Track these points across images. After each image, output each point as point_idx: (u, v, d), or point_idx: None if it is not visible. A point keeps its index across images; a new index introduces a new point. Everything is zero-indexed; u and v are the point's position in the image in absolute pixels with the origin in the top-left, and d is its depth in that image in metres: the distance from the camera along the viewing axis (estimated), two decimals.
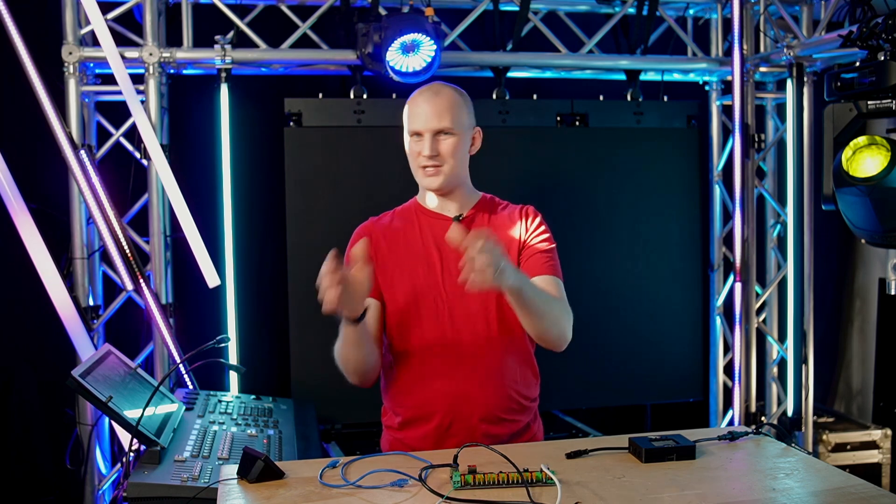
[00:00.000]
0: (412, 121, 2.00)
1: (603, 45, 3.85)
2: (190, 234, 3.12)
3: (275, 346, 3.67)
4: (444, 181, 1.99)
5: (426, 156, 1.96)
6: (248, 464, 1.58)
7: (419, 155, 1.98)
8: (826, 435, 3.87)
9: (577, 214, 3.67)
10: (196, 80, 3.52)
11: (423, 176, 2.00)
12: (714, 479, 1.58)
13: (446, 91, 2.01)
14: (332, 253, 1.72)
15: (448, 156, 1.97)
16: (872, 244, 2.36)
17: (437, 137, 1.97)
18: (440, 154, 1.97)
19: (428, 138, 1.96)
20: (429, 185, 2.01)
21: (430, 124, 1.96)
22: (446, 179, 1.99)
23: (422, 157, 1.97)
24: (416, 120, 1.98)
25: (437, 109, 1.96)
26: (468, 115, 2.03)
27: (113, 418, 1.99)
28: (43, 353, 3.50)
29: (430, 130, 1.96)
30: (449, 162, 1.98)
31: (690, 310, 3.87)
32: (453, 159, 1.98)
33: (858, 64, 2.25)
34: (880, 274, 4.23)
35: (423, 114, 1.97)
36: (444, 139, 1.97)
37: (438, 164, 1.97)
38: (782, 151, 3.85)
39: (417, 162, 2.00)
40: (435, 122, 1.96)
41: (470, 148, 2.05)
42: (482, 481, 1.52)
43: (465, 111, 2.02)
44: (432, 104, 1.97)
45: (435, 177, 1.98)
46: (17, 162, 3.00)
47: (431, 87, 2.02)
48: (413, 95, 2.03)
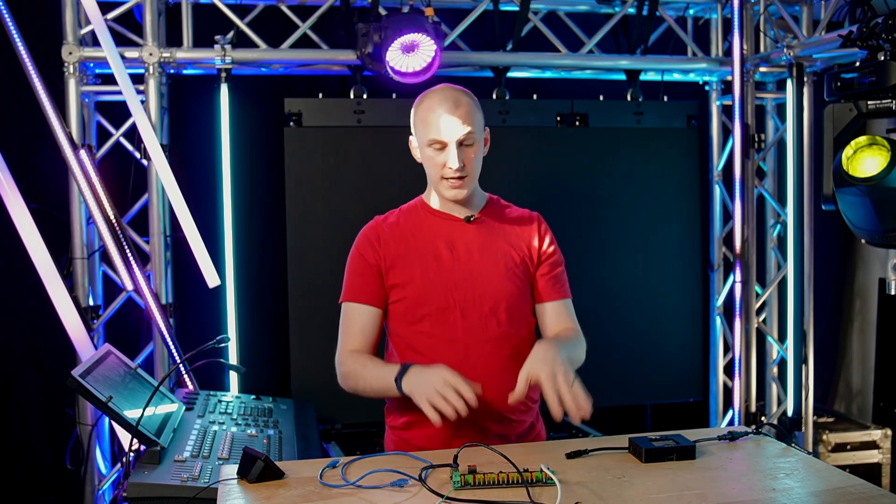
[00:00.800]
0: (432, 130, 1.94)
1: (603, 45, 3.85)
2: (190, 234, 3.12)
3: (275, 346, 3.67)
4: (468, 192, 1.99)
5: (454, 168, 1.93)
6: (248, 464, 1.58)
7: (444, 167, 1.94)
8: (826, 435, 3.87)
9: (577, 214, 3.67)
10: (196, 80, 3.52)
11: (447, 188, 1.97)
12: (714, 479, 1.58)
13: (464, 99, 1.96)
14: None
15: (472, 167, 1.97)
16: (872, 244, 2.36)
17: (461, 148, 1.94)
18: (466, 166, 1.95)
19: (453, 149, 1.92)
20: (454, 196, 1.98)
21: (455, 135, 1.92)
22: (470, 190, 2.00)
23: (447, 170, 1.94)
24: (438, 130, 1.93)
25: (461, 119, 1.92)
26: (482, 118, 2.01)
27: (113, 418, 1.99)
28: (43, 353, 3.50)
29: (456, 142, 1.93)
30: (472, 173, 1.98)
31: (690, 310, 3.87)
32: (476, 169, 1.99)
33: (858, 64, 2.24)
34: (880, 274, 4.23)
35: (445, 124, 1.92)
36: (468, 150, 1.95)
37: (464, 174, 1.95)
38: (782, 151, 3.85)
39: (441, 173, 1.96)
40: (460, 132, 1.92)
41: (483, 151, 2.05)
42: (482, 481, 1.52)
43: (480, 115, 2.00)
44: (455, 115, 1.92)
45: (460, 189, 1.97)
46: (17, 162, 3.00)
47: (447, 95, 1.96)
48: (427, 102, 1.97)
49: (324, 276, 3.30)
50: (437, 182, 1.99)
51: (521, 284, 2.04)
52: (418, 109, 2.00)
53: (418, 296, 1.99)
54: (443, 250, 2.02)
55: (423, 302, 1.99)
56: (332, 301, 2.11)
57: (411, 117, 2.04)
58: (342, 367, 2.00)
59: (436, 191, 2.03)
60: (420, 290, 1.99)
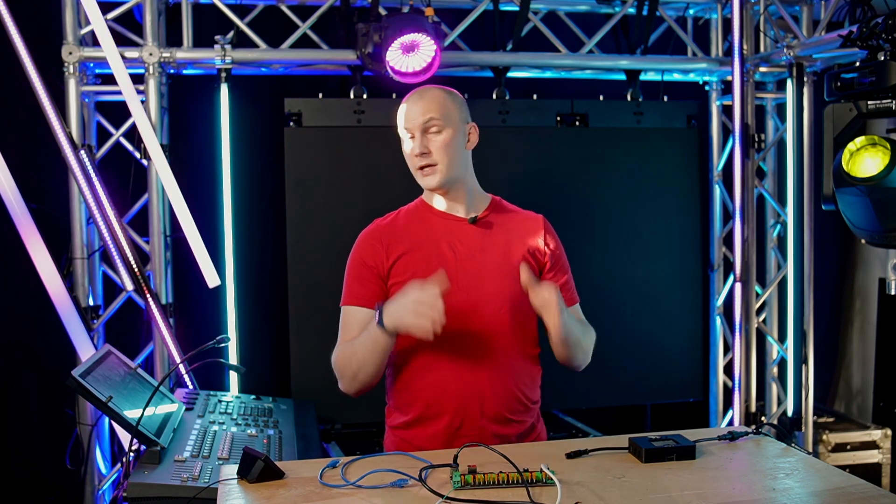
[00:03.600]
0: (399, 122, 2.01)
1: (603, 45, 3.85)
2: (190, 234, 3.12)
3: (275, 346, 3.67)
4: (441, 179, 1.98)
5: (417, 154, 1.96)
6: (248, 464, 1.58)
7: (413, 155, 1.98)
8: (826, 435, 3.87)
9: (577, 215, 3.67)
10: (196, 80, 3.52)
11: (421, 176, 2.00)
12: (714, 479, 1.58)
13: (434, 91, 2.02)
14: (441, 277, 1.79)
15: (440, 152, 1.97)
16: (872, 244, 2.36)
17: (427, 135, 1.97)
18: (431, 151, 1.96)
19: (417, 136, 1.97)
20: (427, 184, 2.01)
21: (417, 120, 1.97)
22: (443, 177, 1.99)
23: (415, 158, 1.98)
24: (402, 120, 2.00)
25: (423, 106, 1.97)
26: (458, 110, 2.02)
27: (113, 418, 2.00)
28: (43, 353, 3.50)
29: (418, 126, 1.96)
30: (442, 159, 1.97)
31: (690, 310, 3.87)
32: (446, 155, 1.98)
33: (858, 64, 2.24)
34: (880, 274, 4.23)
35: (409, 113, 1.99)
36: (434, 136, 1.97)
37: (432, 162, 1.97)
38: (782, 151, 3.85)
39: (413, 163, 2.00)
40: (420, 117, 1.96)
41: (466, 144, 2.04)
42: (482, 481, 1.52)
43: (454, 106, 2.01)
44: (418, 102, 1.98)
45: (432, 175, 1.98)
46: (17, 162, 3.00)
47: (418, 90, 2.03)
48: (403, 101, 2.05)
49: (324, 276, 3.30)
50: (415, 174, 2.03)
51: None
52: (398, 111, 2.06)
53: None
54: (445, 250, 2.01)
55: None
56: (332, 301, 2.11)
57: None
58: (335, 359, 1.98)
59: (420, 185, 2.05)
60: None
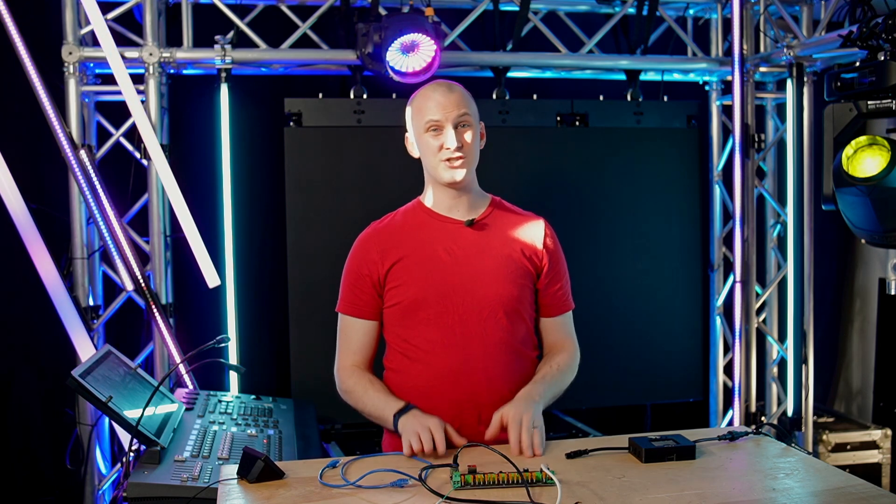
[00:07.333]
0: (428, 112, 1.95)
1: (603, 45, 3.85)
2: (190, 234, 3.12)
3: (275, 346, 3.67)
4: (467, 173, 1.98)
5: (453, 147, 1.93)
6: (248, 464, 1.58)
7: (442, 148, 1.94)
8: (826, 435, 3.87)
9: (577, 214, 3.67)
10: (196, 80, 3.52)
11: (446, 168, 1.95)
12: (714, 479, 1.58)
13: (457, 85, 2.01)
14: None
15: (470, 146, 1.97)
16: (872, 244, 2.36)
17: (458, 130, 1.95)
18: (464, 145, 1.95)
19: (449, 129, 1.93)
20: (453, 176, 1.96)
21: (452, 113, 1.94)
22: (469, 171, 1.98)
23: (445, 150, 1.94)
24: (434, 111, 1.94)
25: (455, 100, 1.95)
26: (476, 110, 2.02)
27: (113, 418, 1.99)
28: (43, 353, 3.50)
29: (452, 119, 1.94)
30: (469, 155, 1.97)
31: (690, 310, 3.87)
32: (472, 152, 1.98)
33: (858, 64, 2.24)
34: (880, 274, 4.23)
35: (440, 105, 1.94)
36: (465, 130, 1.96)
37: (463, 155, 1.95)
38: (782, 151, 3.84)
39: (440, 156, 1.95)
40: (455, 110, 1.94)
41: (481, 142, 2.05)
42: (482, 481, 1.52)
43: (475, 107, 2.02)
44: (449, 96, 1.95)
45: (460, 168, 1.95)
46: (17, 162, 3.00)
47: (441, 83, 2.00)
48: (422, 92, 2.00)
49: (324, 276, 3.29)
50: (435, 167, 1.98)
51: (523, 286, 2.03)
52: (413, 102, 2.02)
53: (416, 299, 1.98)
54: (441, 253, 2.00)
55: (422, 305, 1.98)
56: (331, 301, 2.11)
57: (406, 114, 2.05)
58: (343, 385, 2.02)
59: (434, 177, 2.00)
60: (418, 294, 1.98)
